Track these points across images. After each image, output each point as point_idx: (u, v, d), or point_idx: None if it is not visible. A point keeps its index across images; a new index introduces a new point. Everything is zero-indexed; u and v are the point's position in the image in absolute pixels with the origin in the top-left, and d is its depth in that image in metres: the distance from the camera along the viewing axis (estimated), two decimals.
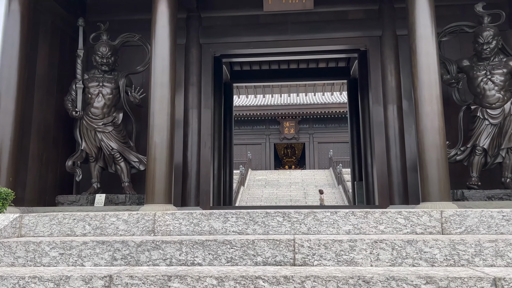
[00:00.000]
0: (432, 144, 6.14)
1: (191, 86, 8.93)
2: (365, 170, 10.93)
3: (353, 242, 2.76)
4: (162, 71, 6.69)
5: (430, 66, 6.37)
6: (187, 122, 8.81)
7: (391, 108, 8.54)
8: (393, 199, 8.24)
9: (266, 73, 14.01)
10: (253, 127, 38.98)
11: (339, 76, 14.00)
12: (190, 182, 8.54)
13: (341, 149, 38.26)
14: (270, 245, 2.81)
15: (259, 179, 32.47)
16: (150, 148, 6.48)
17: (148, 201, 6.32)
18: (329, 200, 27.01)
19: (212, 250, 2.85)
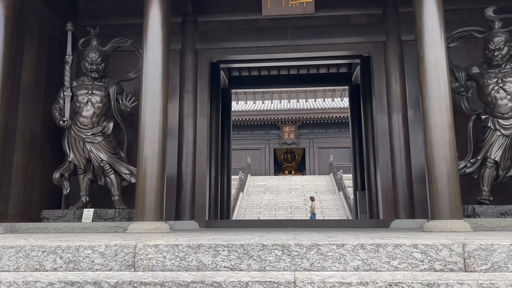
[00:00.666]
0: (442, 157, 5.73)
1: (187, 93, 8.53)
2: (368, 180, 10.52)
3: (364, 286, 2.35)
4: (154, 79, 6.29)
5: (439, 74, 5.97)
6: (182, 131, 8.41)
7: (396, 117, 8.14)
8: (398, 212, 7.83)
9: (265, 79, 13.63)
10: (252, 132, 38.59)
11: (340, 82, 13.61)
12: (184, 194, 8.12)
13: (342, 154, 37.86)
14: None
15: (258, 185, 32.04)
16: (140, 161, 6.07)
17: (138, 218, 5.90)
18: (330, 207, 26.56)
19: None
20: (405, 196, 7.82)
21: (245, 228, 7.47)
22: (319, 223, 7.97)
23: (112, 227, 6.43)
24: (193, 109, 8.52)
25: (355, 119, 13.06)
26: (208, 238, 3.65)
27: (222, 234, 4.76)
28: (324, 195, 29.04)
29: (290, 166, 40.92)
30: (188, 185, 8.16)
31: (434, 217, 5.66)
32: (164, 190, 6.13)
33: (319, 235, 4.23)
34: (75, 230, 6.43)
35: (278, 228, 7.31)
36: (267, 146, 38.44)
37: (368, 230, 6.74)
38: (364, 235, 4.23)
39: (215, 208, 10.65)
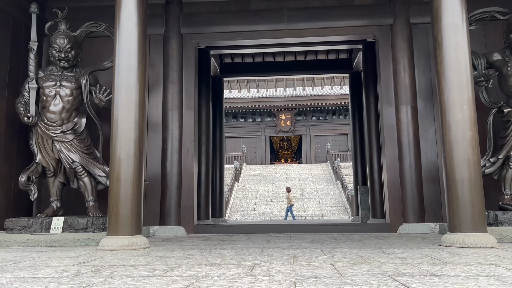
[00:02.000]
0: (464, 159, 4.92)
1: (171, 83, 7.64)
2: (371, 175, 9.73)
3: None
4: (128, 69, 5.40)
5: (460, 62, 5.12)
6: (166, 127, 7.54)
7: (405, 109, 7.31)
8: (406, 215, 7.06)
9: (259, 66, 12.71)
10: (248, 119, 37.68)
11: (340, 69, 12.71)
12: (170, 197, 7.30)
13: (339, 142, 37.11)
14: None
15: (254, 174, 31.29)
16: (113, 165, 5.22)
17: (111, 232, 5.07)
18: (327, 197, 25.89)
19: None
20: (414, 197, 7.05)
21: (237, 236, 6.68)
22: (320, 228, 7.20)
23: (83, 240, 5.61)
24: (179, 102, 7.64)
25: (355, 109, 12.22)
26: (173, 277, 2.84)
27: (202, 254, 3.96)
28: (321, 185, 28.36)
29: (286, 154, 40.16)
30: (173, 187, 7.34)
31: (454, 229, 4.88)
32: (142, 199, 5.30)
33: (326, 263, 3.42)
34: (41, 244, 5.61)
35: (273, 236, 6.53)
36: (263, 134, 37.59)
37: (375, 237, 5.97)
38: (377, 257, 3.42)
39: (206, 207, 9.85)
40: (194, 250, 4.68)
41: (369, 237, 6.27)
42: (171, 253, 4.48)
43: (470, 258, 3.76)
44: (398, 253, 4.18)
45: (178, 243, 5.67)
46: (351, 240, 5.72)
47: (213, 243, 5.55)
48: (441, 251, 4.36)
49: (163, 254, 4.40)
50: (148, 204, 7.42)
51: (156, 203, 7.40)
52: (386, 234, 6.87)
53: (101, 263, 3.75)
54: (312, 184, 28.54)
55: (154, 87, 7.77)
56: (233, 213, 23.72)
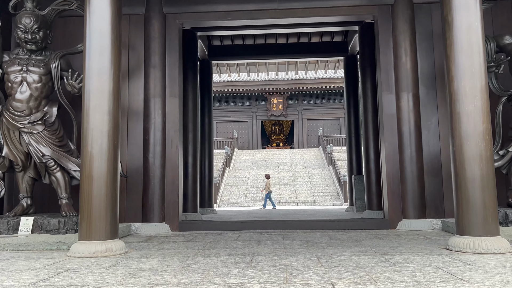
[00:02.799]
0: (475, 155, 4.43)
1: (153, 68, 7.01)
2: (367, 165, 9.26)
3: None
4: (100, 53, 4.78)
5: (473, 45, 4.58)
6: (148, 115, 6.94)
7: (406, 96, 6.79)
8: (406, 211, 6.61)
9: (250, 48, 12.06)
10: (239, 103, 36.97)
11: (334, 52, 12.11)
12: (153, 191, 6.76)
13: (331, 126, 36.68)
14: None
15: (245, 159, 30.81)
16: (84, 162, 4.64)
17: (83, 237, 4.53)
18: (319, 183, 25.55)
19: None
20: (414, 191, 6.59)
21: (225, 234, 6.19)
22: (314, 224, 6.73)
23: (54, 243, 5.06)
24: (162, 88, 7.02)
25: (350, 95, 11.68)
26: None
27: (184, 265, 3.44)
28: (313, 170, 27.99)
29: (278, 139, 39.66)
30: (156, 181, 6.78)
31: (463, 232, 4.41)
32: (117, 199, 4.74)
33: None
34: (7, 248, 5.05)
35: (264, 235, 6.04)
36: (254, 118, 36.97)
37: (374, 236, 5.51)
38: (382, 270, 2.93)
39: (193, 199, 9.34)
40: (175, 259, 4.16)
41: (368, 235, 5.81)
42: (149, 263, 3.96)
43: (488, 272, 3.29)
44: (404, 264, 3.70)
45: (160, 246, 5.15)
46: (349, 241, 5.25)
47: (198, 246, 5.04)
48: (452, 259, 3.89)
49: (139, 264, 3.88)
50: (129, 199, 6.89)
51: (138, 198, 6.86)
52: (385, 231, 6.42)
53: (63, 281, 3.22)
54: (304, 170, 28.16)
55: (134, 72, 7.14)
56: (224, 200, 23.30)
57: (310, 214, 10.32)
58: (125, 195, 6.90)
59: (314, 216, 9.61)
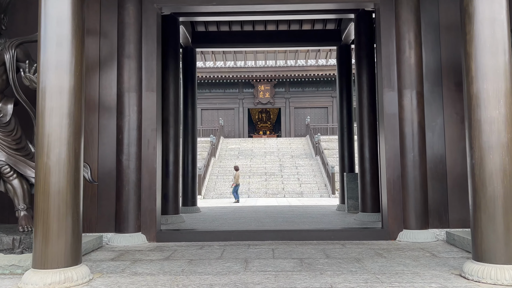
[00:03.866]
0: (498, 170, 3.83)
1: (127, 59, 6.21)
2: (361, 164, 8.67)
3: None
4: (58, 43, 3.99)
5: (498, 42, 3.94)
6: (122, 112, 6.17)
7: (409, 94, 6.15)
8: (408, 220, 6.03)
9: (237, 35, 11.26)
10: (225, 90, 36.04)
11: (327, 41, 11.39)
12: (127, 198, 6.03)
13: (319, 114, 36.11)
14: None
15: (231, 148, 30.10)
16: (38, 175, 3.89)
17: (37, 264, 3.80)
18: (307, 173, 25.05)
19: None
20: (417, 199, 6.00)
21: (208, 248, 5.52)
22: (307, 235, 6.10)
23: (6, 267, 4.32)
24: (137, 81, 6.24)
25: (344, 87, 11.01)
26: None
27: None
28: (301, 160, 27.48)
29: (265, 127, 38.98)
30: (131, 186, 6.05)
31: (482, 258, 3.83)
32: (80, 217, 4.02)
33: None
34: None
35: (252, 250, 5.40)
36: (241, 105, 36.15)
37: (375, 252, 4.91)
38: None
39: (175, 200, 8.62)
40: None
41: (367, 251, 5.21)
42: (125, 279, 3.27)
43: None
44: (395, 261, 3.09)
45: (132, 268, 4.46)
46: (348, 261, 4.64)
47: (176, 269, 4.36)
48: None
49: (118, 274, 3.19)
50: (101, 206, 6.17)
51: (110, 204, 6.14)
52: (385, 243, 5.84)
53: None
54: (291, 159, 27.63)
55: (107, 63, 6.34)
56: (209, 191, 22.64)
57: (300, 214, 9.73)
58: (96, 201, 6.17)
59: (304, 217, 9.02)
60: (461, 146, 6.15)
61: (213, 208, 12.02)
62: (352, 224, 7.81)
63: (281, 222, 8.29)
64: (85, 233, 6.08)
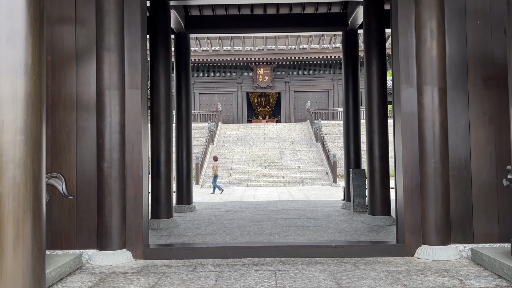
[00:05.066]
0: None
1: (107, 52, 5.40)
2: (370, 163, 7.97)
3: None
4: (9, 39, 3.19)
5: None
6: (102, 113, 5.40)
7: (430, 91, 5.37)
8: (427, 234, 5.34)
9: (234, 20, 10.39)
10: (223, 73, 35.10)
11: (331, 25, 10.53)
12: (109, 210, 5.32)
13: (319, 99, 35.27)
14: None
15: (230, 134, 29.37)
16: None
17: None
18: (307, 161, 24.39)
19: None
20: (438, 209, 5.30)
21: (201, 269, 4.84)
22: (313, 251, 5.43)
23: None
24: (119, 77, 5.45)
25: (350, 76, 10.22)
26: None
27: None
28: (301, 146, 26.79)
29: (264, 111, 38.17)
30: (114, 197, 5.33)
31: None
32: (44, 258, 3.30)
33: None
34: None
35: (251, 271, 4.72)
36: (240, 89, 35.25)
37: (392, 276, 4.24)
38: None
39: (167, 203, 7.93)
40: None
41: (384, 276, 4.54)
42: None
43: None
44: None
45: None
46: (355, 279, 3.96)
47: None
48: None
49: None
50: (80, 219, 5.47)
51: (91, 217, 5.43)
52: (402, 260, 5.17)
53: None
54: (291, 146, 26.94)
55: (84, 56, 5.54)
56: (207, 180, 22.00)
57: (302, 215, 9.08)
58: (75, 213, 5.47)
59: (308, 219, 8.37)
60: (489, 150, 5.43)
61: (210, 205, 11.36)
62: (360, 230, 7.16)
63: (283, 226, 7.63)
64: (62, 250, 5.42)
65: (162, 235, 7.04)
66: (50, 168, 5.41)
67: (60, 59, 5.52)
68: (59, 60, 5.52)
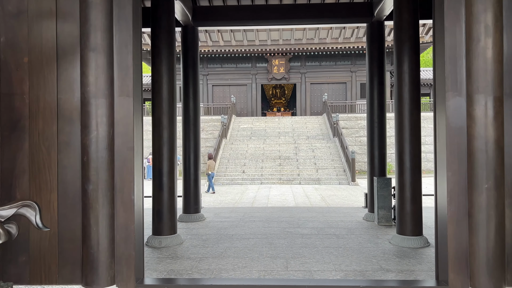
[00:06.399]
0: None
1: (93, 52, 4.54)
2: (400, 176, 7.01)
3: None
4: None
5: None
6: (87, 126, 4.55)
7: (483, 101, 4.38)
8: (476, 276, 4.40)
9: (247, 10, 9.44)
10: (237, 65, 34.10)
11: (354, 16, 9.45)
12: (96, 241, 4.51)
13: (336, 91, 34.05)
14: None
15: (244, 128, 28.51)
16: None
17: None
18: (324, 157, 23.39)
19: None
20: (490, 246, 4.34)
21: None
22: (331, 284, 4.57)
23: None
24: (107, 83, 4.59)
25: (375, 74, 9.20)
26: None
27: None
28: (317, 142, 25.78)
29: (279, 103, 37.15)
30: (102, 225, 4.51)
31: None
32: None
33: None
34: None
35: None
36: (254, 81, 34.24)
37: None
38: None
39: (170, 218, 7.11)
40: None
41: None
42: None
43: None
44: None
45: None
46: None
47: None
48: None
49: None
50: (62, 250, 4.68)
51: (75, 248, 4.64)
52: None
53: None
54: (307, 141, 25.96)
55: (66, 57, 4.70)
56: (220, 176, 21.25)
57: (321, 229, 8.19)
58: (57, 243, 4.68)
59: (327, 236, 7.49)
60: None
61: (219, 212, 10.53)
62: (389, 254, 6.24)
63: (300, 247, 6.75)
64: (42, 286, 4.65)
65: (163, 257, 6.24)
66: (27, 190, 4.62)
67: (39, 61, 4.68)
68: (37, 62, 4.69)
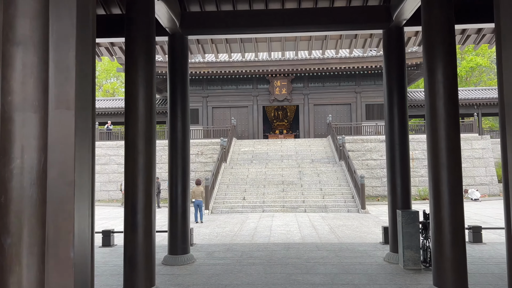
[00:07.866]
0: None
1: (18, 47, 3.20)
2: (437, 210, 5.56)
3: None
4: None
5: None
6: (6, 153, 3.17)
7: None
8: None
9: (244, 16, 8.19)
10: (238, 86, 33.00)
11: (369, 21, 8.19)
12: None
13: (341, 112, 32.78)
14: None
15: (245, 151, 27.11)
16: None
17: None
18: (330, 182, 21.86)
19: None
20: None
21: None
22: None
23: None
24: (38, 89, 3.23)
25: (394, 88, 7.85)
26: None
27: None
28: (323, 166, 24.30)
29: (281, 125, 35.90)
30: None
31: None
32: None
33: None
34: None
35: None
36: (255, 103, 33.05)
37: None
38: None
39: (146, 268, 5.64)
40: None
41: None
42: None
43: None
44: None
45: None
46: None
47: None
48: None
49: None
50: None
51: None
52: None
53: None
54: (311, 165, 24.49)
55: None
56: (218, 204, 19.71)
57: (334, 275, 6.67)
58: None
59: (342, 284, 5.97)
60: None
61: (214, 250, 9.00)
62: None
63: None
64: None
65: None
66: None
67: None
68: None
